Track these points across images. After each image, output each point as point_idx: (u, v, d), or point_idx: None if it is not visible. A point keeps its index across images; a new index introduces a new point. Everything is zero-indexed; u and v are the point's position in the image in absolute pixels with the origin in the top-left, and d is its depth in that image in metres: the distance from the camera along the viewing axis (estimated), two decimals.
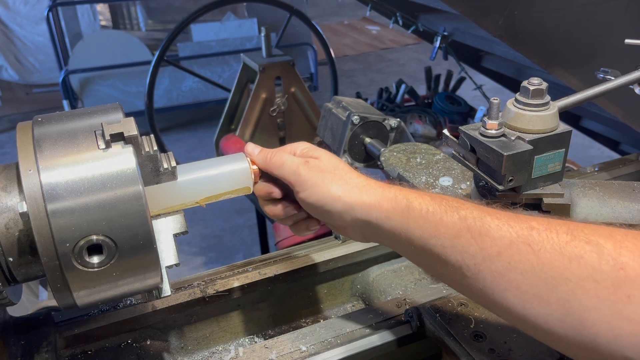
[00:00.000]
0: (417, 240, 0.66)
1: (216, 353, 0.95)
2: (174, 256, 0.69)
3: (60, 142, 0.60)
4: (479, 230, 0.61)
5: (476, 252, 0.60)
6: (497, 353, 0.73)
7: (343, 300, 1.07)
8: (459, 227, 0.62)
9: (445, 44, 2.56)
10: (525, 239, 0.58)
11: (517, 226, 0.59)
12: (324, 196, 0.72)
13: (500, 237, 0.59)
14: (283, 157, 0.77)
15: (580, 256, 0.54)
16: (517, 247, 0.58)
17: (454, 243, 0.62)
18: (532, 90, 0.77)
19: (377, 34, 7.42)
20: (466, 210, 0.63)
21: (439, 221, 0.64)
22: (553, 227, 0.57)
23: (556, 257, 0.55)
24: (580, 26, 1.29)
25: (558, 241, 0.56)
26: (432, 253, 0.65)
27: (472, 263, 0.61)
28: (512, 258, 0.58)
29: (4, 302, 0.65)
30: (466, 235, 0.61)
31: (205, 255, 3.28)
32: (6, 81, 5.41)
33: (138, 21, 6.11)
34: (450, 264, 0.63)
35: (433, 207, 0.65)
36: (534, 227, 0.58)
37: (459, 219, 0.63)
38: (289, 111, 2.32)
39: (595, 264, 0.53)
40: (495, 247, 0.59)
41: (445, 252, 0.63)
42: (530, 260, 0.56)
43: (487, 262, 0.59)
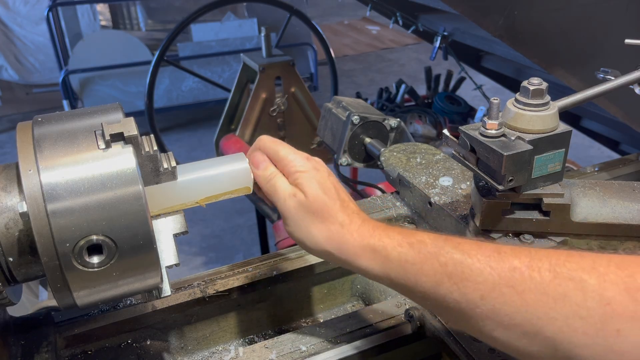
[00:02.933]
0: (399, 288, 0.67)
1: (216, 353, 0.95)
2: (174, 256, 0.69)
3: (60, 142, 0.60)
4: (459, 276, 0.60)
5: (460, 298, 0.60)
6: (497, 353, 0.73)
7: (343, 300, 1.07)
8: (440, 275, 0.62)
9: (445, 44, 2.56)
10: (507, 281, 0.57)
11: (498, 268, 0.58)
12: (305, 237, 0.73)
13: (482, 281, 0.59)
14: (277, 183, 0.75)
15: (564, 295, 0.54)
16: (500, 290, 0.57)
17: (437, 291, 0.62)
18: (532, 90, 0.77)
19: (377, 34, 7.42)
20: (446, 256, 0.62)
21: (418, 271, 0.64)
22: (535, 265, 0.57)
23: (540, 297, 0.55)
24: (580, 26, 1.29)
25: (541, 280, 0.55)
26: (416, 299, 0.67)
27: (457, 308, 0.61)
28: (496, 301, 0.58)
29: (4, 302, 0.65)
30: (448, 282, 0.61)
31: (205, 255, 3.28)
32: (6, 81, 5.41)
33: (138, 21, 6.11)
34: (436, 307, 0.65)
35: (412, 257, 0.65)
36: (516, 268, 0.57)
37: (439, 266, 0.62)
38: (289, 111, 2.32)
39: (580, 302, 0.53)
40: (479, 292, 0.59)
41: (429, 299, 0.64)
42: (514, 302, 0.56)
43: (472, 306, 0.59)
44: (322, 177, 0.74)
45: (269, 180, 0.76)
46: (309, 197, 0.72)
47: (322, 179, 0.74)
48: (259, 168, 0.77)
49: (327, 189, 0.73)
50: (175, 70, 4.33)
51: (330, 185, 0.74)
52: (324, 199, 0.72)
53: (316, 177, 0.74)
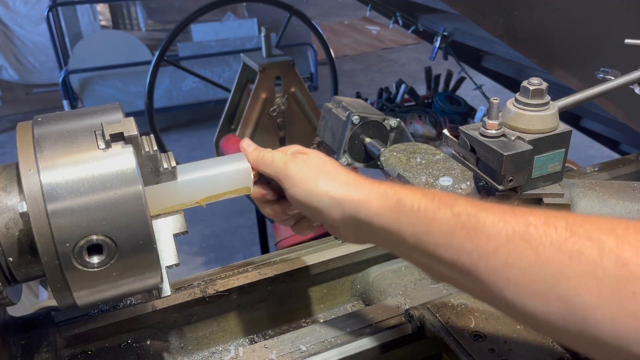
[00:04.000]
0: (409, 238, 0.64)
1: (216, 353, 0.95)
2: (174, 256, 0.69)
3: (60, 142, 0.60)
4: (473, 226, 0.59)
5: (472, 250, 0.58)
6: (497, 353, 0.73)
7: (343, 300, 1.07)
8: (453, 224, 0.60)
9: (445, 44, 2.56)
10: (522, 235, 0.56)
11: (513, 222, 0.57)
12: (311, 192, 0.72)
13: (496, 233, 0.57)
14: (273, 155, 0.78)
15: (580, 253, 0.52)
16: (514, 244, 0.56)
17: (448, 240, 0.60)
18: (532, 90, 0.77)
19: (377, 34, 7.42)
20: (460, 207, 0.61)
21: (431, 218, 0.62)
22: (551, 222, 0.55)
23: (555, 253, 0.53)
24: (580, 26, 1.29)
25: (557, 237, 0.54)
26: (426, 251, 0.63)
27: (468, 261, 0.59)
28: (509, 255, 0.56)
29: (4, 302, 0.65)
30: (460, 232, 0.59)
31: (205, 255, 3.28)
32: (6, 81, 5.41)
33: (138, 21, 6.11)
34: (445, 262, 0.62)
35: (425, 204, 0.63)
36: (531, 223, 0.56)
37: (453, 216, 0.61)
38: (289, 111, 2.32)
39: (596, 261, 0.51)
40: (492, 244, 0.57)
41: (440, 250, 0.61)
42: (528, 256, 0.55)
43: (484, 259, 0.58)
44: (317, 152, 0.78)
45: (262, 156, 0.78)
46: (310, 156, 0.75)
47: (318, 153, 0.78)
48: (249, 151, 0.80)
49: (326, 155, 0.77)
50: (175, 70, 4.33)
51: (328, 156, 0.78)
52: (325, 159, 0.75)
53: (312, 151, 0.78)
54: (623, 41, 0.93)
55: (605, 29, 1.26)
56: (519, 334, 0.75)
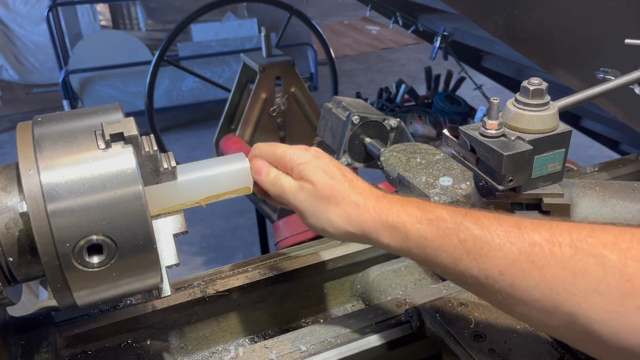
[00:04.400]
0: (420, 261, 0.68)
1: (216, 353, 0.95)
2: (174, 256, 0.69)
3: (60, 142, 0.60)
4: (479, 252, 0.60)
5: (479, 274, 0.60)
6: (497, 353, 0.73)
7: (343, 300, 1.07)
8: (459, 252, 0.62)
9: (445, 44, 2.56)
10: (527, 256, 0.57)
11: (518, 243, 0.58)
12: (325, 224, 0.73)
13: (502, 256, 0.59)
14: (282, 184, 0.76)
15: (584, 270, 0.53)
16: (520, 266, 0.57)
17: (456, 266, 0.63)
18: (532, 90, 0.77)
19: (377, 34, 7.42)
20: (465, 232, 0.62)
21: (438, 247, 0.64)
22: (556, 239, 0.56)
23: (560, 272, 0.55)
24: (580, 26, 1.29)
25: (561, 256, 0.55)
26: (437, 270, 0.67)
27: (476, 282, 0.61)
28: (515, 276, 0.58)
29: (4, 302, 0.65)
30: (467, 258, 0.61)
31: (205, 255, 3.28)
32: (6, 81, 5.41)
33: (138, 21, 6.11)
34: (456, 280, 0.65)
35: (431, 233, 0.65)
36: (535, 243, 0.57)
37: (459, 242, 0.62)
38: (289, 111, 2.32)
39: (600, 278, 0.52)
40: (497, 268, 0.59)
41: (449, 273, 0.65)
42: (534, 277, 0.56)
43: (491, 282, 0.60)
44: (324, 164, 0.75)
45: (274, 183, 0.76)
46: (317, 185, 0.73)
47: (324, 165, 0.75)
48: (262, 174, 0.78)
49: (333, 173, 0.74)
50: (175, 70, 4.33)
51: (334, 170, 0.74)
52: (332, 184, 0.72)
53: (319, 165, 0.74)
54: (623, 41, 0.93)
55: (605, 29, 1.26)
56: (519, 335, 0.75)
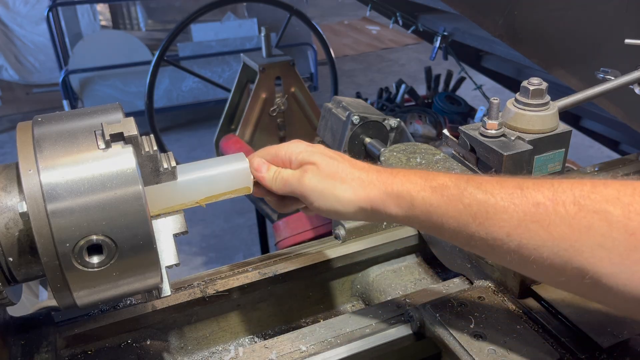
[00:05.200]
0: (427, 228, 0.69)
1: (216, 353, 0.95)
2: (174, 256, 0.69)
3: (60, 142, 0.60)
4: (484, 216, 0.61)
5: (486, 236, 0.62)
6: (497, 353, 0.73)
7: (343, 300, 1.07)
8: (465, 217, 0.63)
9: (445, 44, 2.56)
10: (532, 216, 0.58)
11: (522, 204, 0.59)
12: (334, 203, 0.73)
13: (507, 218, 0.60)
14: (283, 176, 0.77)
15: (589, 227, 0.55)
16: (526, 226, 0.59)
17: (463, 231, 0.64)
18: (532, 90, 0.77)
19: (377, 34, 7.42)
20: (469, 197, 0.63)
21: (443, 213, 0.65)
22: (559, 198, 0.58)
23: (566, 230, 0.56)
24: (580, 26, 1.29)
25: (566, 214, 0.57)
26: (444, 237, 0.68)
27: (484, 245, 0.63)
28: (522, 237, 0.59)
29: (4, 302, 0.65)
30: (473, 223, 0.62)
31: (205, 255, 3.28)
32: (6, 81, 5.41)
33: (138, 21, 6.11)
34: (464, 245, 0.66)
35: (436, 200, 0.66)
36: (539, 203, 0.58)
37: (464, 208, 0.63)
38: (289, 111, 2.32)
39: (605, 233, 0.54)
40: (504, 229, 0.60)
41: (457, 238, 0.66)
42: (540, 236, 0.58)
43: (499, 243, 0.61)
44: (321, 149, 0.77)
45: (275, 178, 0.77)
46: (319, 165, 0.74)
47: (321, 150, 0.77)
48: (261, 171, 0.78)
49: (331, 155, 0.76)
50: (175, 70, 4.33)
51: (332, 154, 0.76)
52: (333, 163, 0.74)
53: (316, 150, 0.76)
54: (623, 41, 0.93)
55: (605, 29, 1.26)
56: (519, 334, 0.75)
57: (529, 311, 0.80)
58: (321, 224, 1.70)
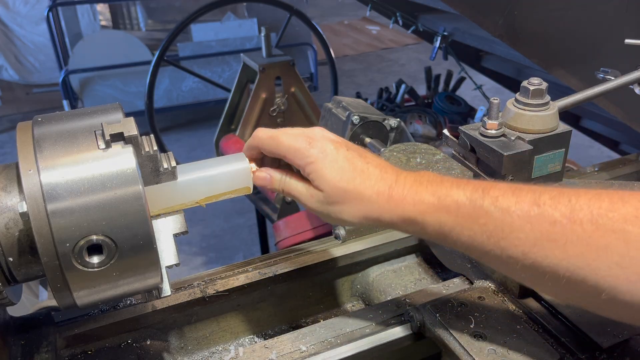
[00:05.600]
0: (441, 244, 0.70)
1: (216, 353, 0.95)
2: (174, 256, 0.69)
3: (60, 142, 0.60)
4: (500, 235, 0.61)
5: (501, 254, 0.61)
6: (497, 353, 0.73)
7: (343, 300, 1.07)
8: (480, 237, 0.62)
9: (445, 44, 2.56)
10: (549, 235, 0.58)
11: (538, 223, 0.58)
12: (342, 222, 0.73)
13: (524, 237, 0.59)
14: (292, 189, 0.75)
15: (607, 246, 0.55)
16: (542, 245, 0.58)
17: (477, 248, 0.63)
18: (532, 90, 0.77)
19: (377, 34, 7.42)
20: (486, 217, 0.61)
21: (459, 233, 0.64)
22: (576, 216, 0.56)
23: (583, 249, 0.56)
24: (580, 26, 1.29)
25: (583, 233, 0.56)
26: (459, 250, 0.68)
27: (499, 262, 0.63)
28: (537, 255, 0.58)
29: (4, 302, 0.65)
30: (488, 242, 0.62)
31: (205, 255, 3.28)
32: (6, 81, 5.41)
33: (138, 21, 6.11)
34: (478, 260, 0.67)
35: (451, 222, 0.64)
36: (556, 221, 0.57)
37: (479, 228, 0.62)
38: (289, 111, 2.32)
39: (623, 252, 0.54)
40: (520, 248, 0.59)
41: (471, 253, 0.65)
42: (556, 255, 0.57)
43: (513, 262, 0.61)
44: (332, 160, 0.69)
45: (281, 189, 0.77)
46: (326, 192, 0.70)
47: (332, 162, 0.69)
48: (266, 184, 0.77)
49: (342, 170, 0.69)
50: (175, 70, 4.33)
51: (342, 164, 0.69)
52: (341, 186, 0.68)
53: (326, 165, 0.69)
54: (623, 41, 0.93)
55: (605, 29, 1.26)
56: (519, 334, 0.75)
57: (529, 311, 0.80)
58: (321, 224, 1.70)
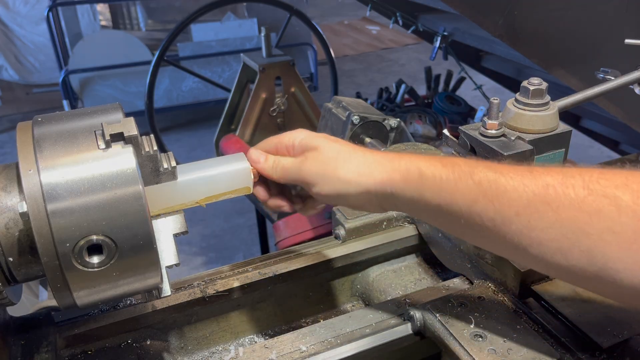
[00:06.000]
0: (434, 207, 0.67)
1: (216, 353, 0.95)
2: (174, 256, 0.69)
3: (60, 142, 0.60)
4: (495, 193, 0.61)
5: (495, 215, 0.61)
6: (497, 353, 0.73)
7: (343, 300, 1.07)
8: (475, 193, 0.63)
9: (445, 44, 2.56)
10: (542, 197, 0.58)
11: (532, 185, 0.59)
12: (335, 184, 0.72)
13: (517, 197, 0.60)
14: (283, 164, 0.77)
15: (599, 211, 0.55)
16: (535, 207, 0.59)
17: (472, 208, 0.63)
18: (532, 90, 0.77)
19: (377, 34, 7.42)
20: (480, 174, 0.63)
21: (453, 189, 0.64)
22: (569, 181, 0.58)
23: (575, 212, 0.56)
24: (580, 26, 1.29)
25: (575, 197, 0.57)
26: (451, 218, 0.66)
27: (492, 225, 0.62)
28: (531, 217, 0.59)
29: (4, 302, 0.65)
30: (483, 200, 0.62)
31: (205, 255, 3.28)
32: (6, 81, 5.41)
33: (138, 21, 6.11)
34: (470, 226, 0.65)
35: (446, 174, 0.65)
36: (549, 184, 0.59)
37: (474, 184, 0.63)
38: (289, 111, 2.32)
39: (614, 217, 0.54)
40: (514, 208, 0.60)
41: (464, 217, 0.65)
42: (549, 217, 0.58)
43: (507, 223, 0.61)
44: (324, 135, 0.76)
45: (274, 167, 0.77)
46: (322, 149, 0.73)
47: (325, 135, 0.76)
48: (260, 161, 0.79)
49: (335, 140, 0.75)
50: (175, 70, 4.33)
51: (335, 139, 0.76)
52: (337, 146, 0.73)
53: (319, 135, 0.76)
54: (623, 41, 0.93)
55: (605, 29, 1.26)
56: (519, 334, 0.75)
57: (529, 311, 0.80)
58: (321, 224, 1.70)
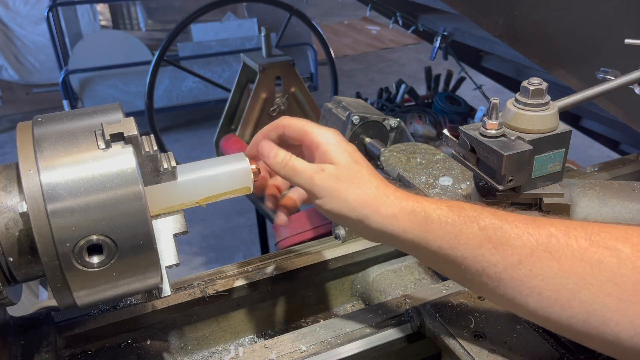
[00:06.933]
0: (436, 251, 0.66)
1: (216, 353, 0.95)
2: (174, 256, 0.69)
3: (60, 142, 0.60)
4: (499, 239, 0.62)
5: (497, 262, 0.62)
6: (497, 353, 0.73)
7: (343, 300, 1.07)
8: (480, 238, 0.63)
9: (445, 44, 2.56)
10: (545, 246, 0.59)
11: (536, 234, 0.60)
12: (341, 206, 0.71)
13: (521, 245, 0.60)
14: (294, 165, 0.75)
15: (600, 261, 0.56)
16: (537, 255, 0.59)
17: (475, 253, 0.63)
18: (532, 90, 0.77)
19: (377, 34, 7.42)
20: (486, 220, 0.64)
21: (458, 233, 0.64)
22: (571, 232, 0.59)
23: (577, 263, 0.57)
24: (580, 26, 1.29)
25: (578, 247, 0.58)
26: (452, 263, 0.66)
27: (493, 272, 0.62)
28: (533, 265, 0.59)
29: (4, 302, 0.65)
30: (487, 245, 0.62)
31: (205, 255, 3.28)
32: (6, 81, 5.41)
33: (138, 21, 6.11)
34: (471, 272, 0.65)
35: (452, 219, 0.65)
36: (552, 234, 0.60)
37: (479, 230, 0.63)
38: (289, 111, 2.32)
39: (615, 269, 0.55)
40: (516, 256, 0.60)
41: (466, 262, 0.64)
42: (551, 267, 0.58)
43: (509, 270, 0.61)
44: (351, 149, 0.75)
45: (284, 165, 0.75)
46: (340, 166, 0.72)
47: (351, 150, 0.75)
48: (270, 156, 0.77)
49: (357, 159, 0.74)
50: (175, 70, 4.33)
51: (359, 156, 0.75)
52: (356, 167, 0.72)
53: (346, 149, 0.74)
54: (623, 41, 0.93)
55: (605, 29, 1.26)
56: (519, 334, 0.75)
57: None
58: (321, 224, 1.70)
